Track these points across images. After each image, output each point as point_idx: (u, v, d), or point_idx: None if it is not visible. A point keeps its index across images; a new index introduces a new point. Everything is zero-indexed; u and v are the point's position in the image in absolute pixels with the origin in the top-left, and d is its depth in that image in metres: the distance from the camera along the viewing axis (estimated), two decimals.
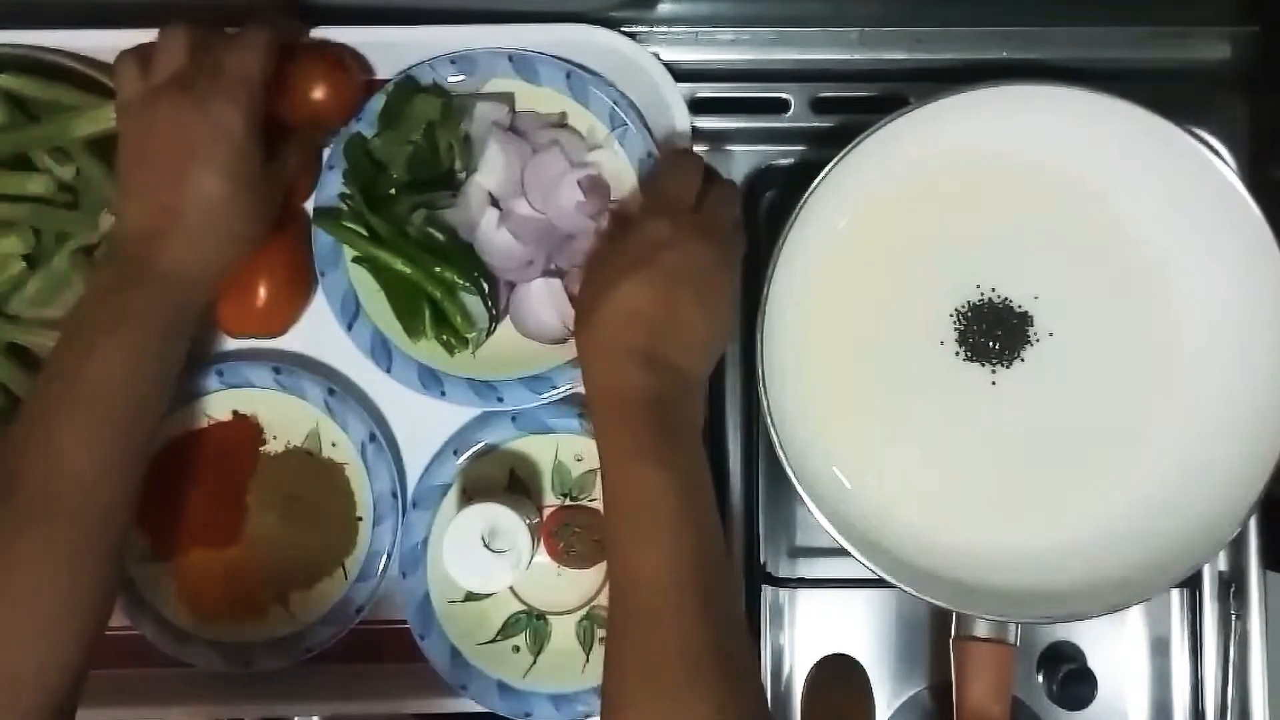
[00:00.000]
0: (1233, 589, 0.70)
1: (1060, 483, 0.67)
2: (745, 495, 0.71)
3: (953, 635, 0.65)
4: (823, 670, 0.72)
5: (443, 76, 0.67)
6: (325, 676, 0.69)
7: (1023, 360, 0.67)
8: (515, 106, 0.68)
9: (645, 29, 0.70)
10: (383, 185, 0.66)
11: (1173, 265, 0.66)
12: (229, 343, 0.70)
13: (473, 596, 0.68)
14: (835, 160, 0.61)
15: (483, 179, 0.67)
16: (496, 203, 0.67)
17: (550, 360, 0.66)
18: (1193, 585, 0.70)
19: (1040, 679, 0.72)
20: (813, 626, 0.72)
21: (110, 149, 0.63)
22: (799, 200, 0.61)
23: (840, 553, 0.62)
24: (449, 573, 0.64)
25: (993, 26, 0.70)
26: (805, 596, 0.72)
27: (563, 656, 0.68)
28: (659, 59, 0.67)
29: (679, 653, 0.52)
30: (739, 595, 0.68)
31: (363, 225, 0.66)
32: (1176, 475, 0.65)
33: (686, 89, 0.69)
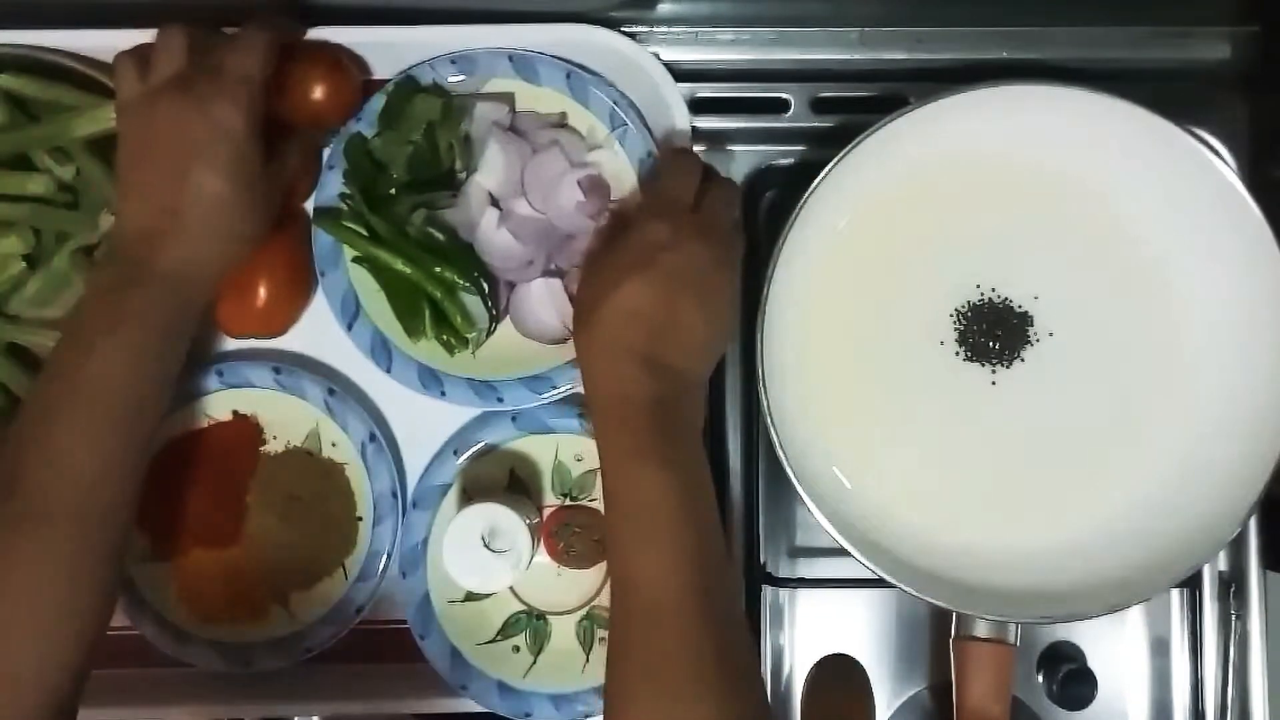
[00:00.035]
0: (1233, 589, 0.70)
1: (1060, 483, 0.67)
2: (745, 495, 0.71)
3: (953, 635, 0.65)
4: (823, 670, 0.72)
5: (443, 76, 0.67)
6: (325, 676, 0.69)
7: (1023, 360, 0.67)
8: (515, 106, 0.68)
9: (645, 29, 0.70)
10: (383, 185, 0.66)
11: (1173, 265, 0.66)
12: (229, 343, 0.70)
13: (473, 596, 0.68)
14: (835, 160, 0.61)
15: (483, 179, 0.67)
16: (496, 203, 0.67)
17: (550, 360, 0.66)
18: (1193, 585, 0.70)
19: (1040, 679, 0.72)
20: (813, 626, 0.72)
21: (110, 149, 0.62)
22: (799, 200, 0.61)
23: (840, 553, 0.62)
24: (449, 573, 0.64)
25: (993, 26, 0.70)
26: (805, 596, 0.72)
27: (563, 656, 0.68)
28: (659, 59, 0.67)
29: (680, 653, 0.53)
30: (739, 595, 0.68)
31: (363, 225, 0.66)
32: (1176, 475, 0.66)
33: (686, 89, 0.69)
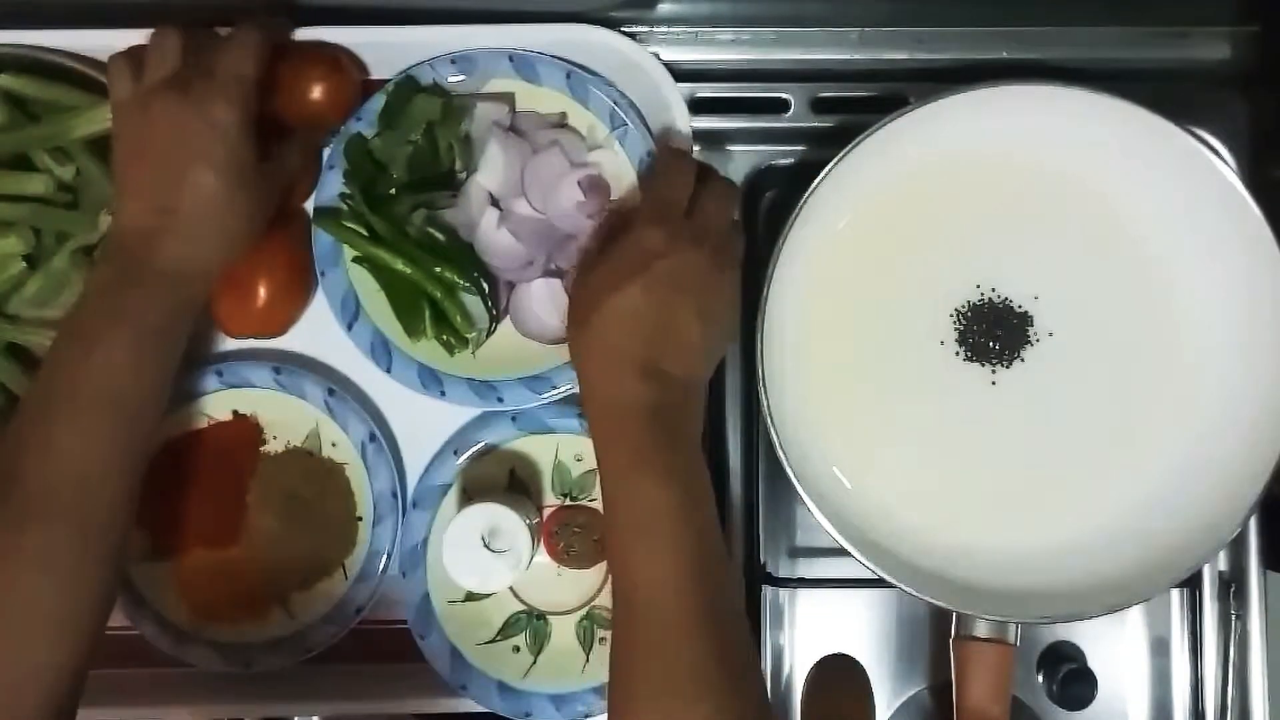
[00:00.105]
0: (1233, 589, 0.70)
1: (1060, 483, 0.67)
2: (745, 495, 0.71)
3: (953, 635, 0.64)
4: (823, 670, 0.72)
5: (443, 76, 0.67)
6: (325, 676, 0.69)
7: (1023, 360, 0.67)
8: (515, 106, 0.68)
9: (645, 29, 0.70)
10: (383, 185, 0.66)
11: (1173, 265, 0.66)
12: (229, 343, 0.70)
13: (473, 596, 0.68)
14: (835, 160, 0.61)
15: (483, 179, 0.67)
16: (496, 203, 0.67)
17: (550, 360, 0.66)
18: (1193, 585, 0.70)
19: (1040, 679, 0.72)
20: (813, 626, 0.72)
21: (110, 149, 0.62)
22: (799, 200, 0.61)
23: (840, 553, 0.62)
24: (449, 573, 0.64)
25: (993, 26, 0.70)
26: (805, 596, 0.72)
27: (563, 656, 0.68)
28: (659, 59, 0.67)
29: (681, 657, 0.53)
30: (740, 596, 0.68)
31: (363, 225, 0.66)
32: (1176, 475, 0.65)
33: (686, 89, 0.69)
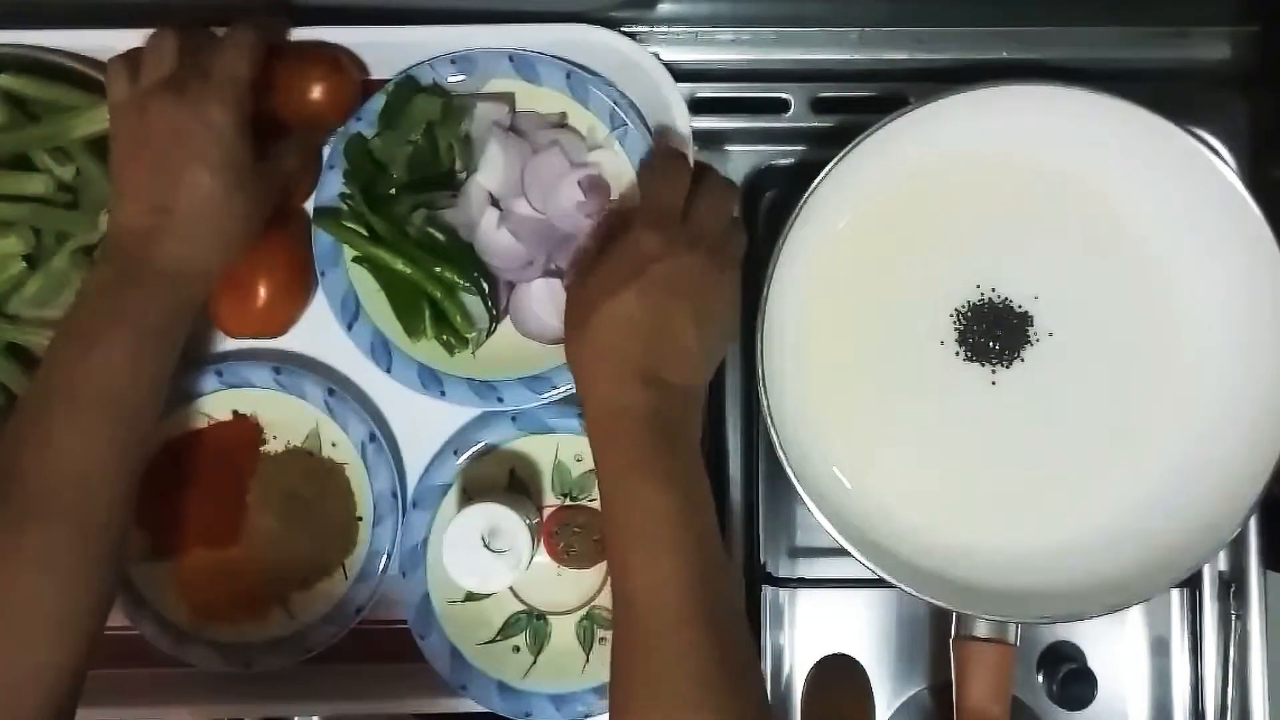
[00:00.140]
0: (1233, 589, 0.70)
1: (1060, 483, 0.67)
2: (745, 495, 0.71)
3: (953, 635, 0.64)
4: (823, 670, 0.72)
5: (443, 76, 0.67)
6: (325, 676, 0.69)
7: (1023, 360, 0.67)
8: (515, 106, 0.68)
9: (645, 29, 0.70)
10: (383, 185, 0.66)
11: (1173, 265, 0.66)
12: (229, 343, 0.70)
13: (473, 596, 0.68)
14: (835, 160, 0.61)
15: (483, 179, 0.67)
16: (496, 203, 0.67)
17: (550, 360, 0.66)
18: (1193, 585, 0.70)
19: (1040, 679, 0.72)
20: (813, 626, 0.72)
21: (109, 149, 0.62)
22: (799, 200, 0.61)
23: (840, 553, 0.62)
24: (449, 573, 0.64)
25: (993, 26, 0.70)
26: (805, 596, 0.72)
27: (563, 656, 0.68)
28: (659, 59, 0.67)
29: (681, 661, 0.53)
30: (740, 597, 0.68)
31: (363, 225, 0.66)
32: (1176, 475, 0.65)
33: (686, 89, 0.69)
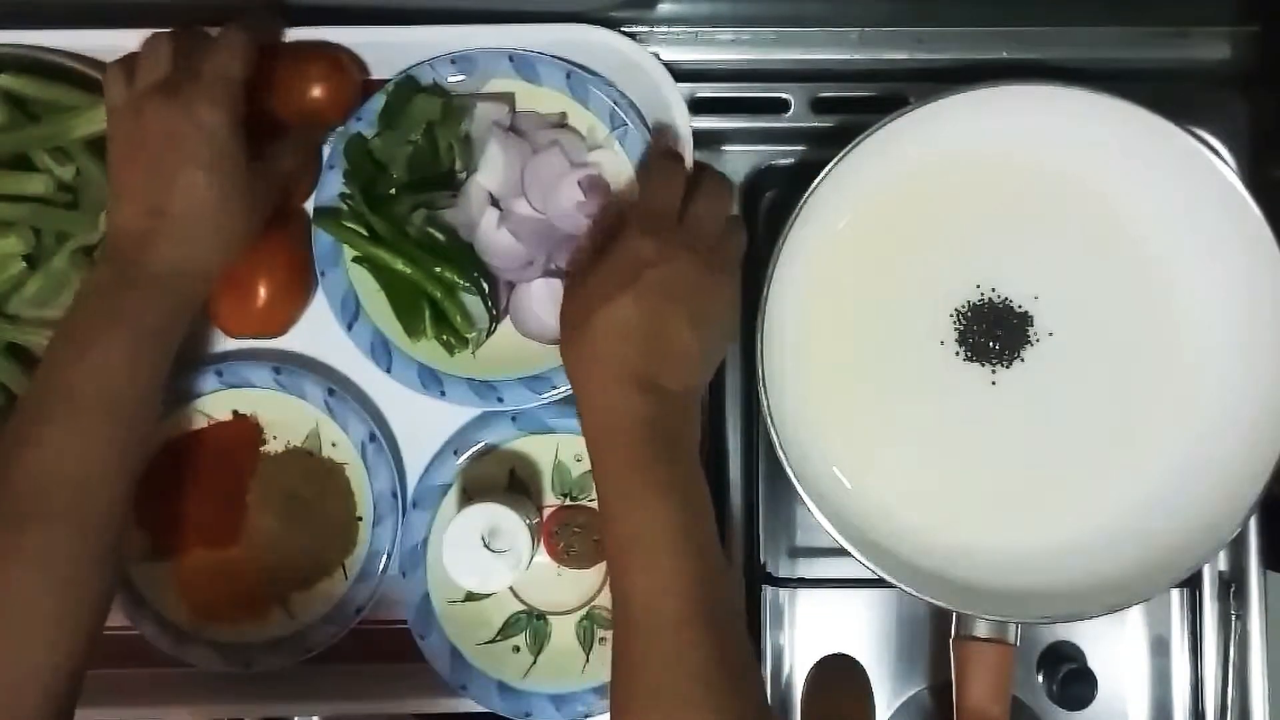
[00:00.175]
0: (1233, 589, 0.70)
1: (1060, 483, 0.67)
2: (745, 495, 0.71)
3: (953, 635, 0.64)
4: (823, 670, 0.72)
5: (443, 76, 0.67)
6: (325, 676, 0.69)
7: (1023, 360, 0.67)
8: (515, 106, 0.68)
9: (645, 29, 0.70)
10: (383, 185, 0.66)
11: (1173, 265, 0.66)
12: (229, 343, 0.70)
13: (473, 596, 0.68)
14: (835, 160, 0.61)
15: (483, 179, 0.67)
16: (496, 203, 0.67)
17: (550, 360, 0.66)
18: (1193, 585, 0.70)
19: (1040, 679, 0.72)
20: (813, 626, 0.72)
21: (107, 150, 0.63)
22: (799, 200, 0.61)
23: (840, 553, 0.62)
24: (449, 573, 0.64)
25: (993, 26, 0.70)
26: (805, 596, 0.72)
27: (563, 656, 0.68)
28: (659, 59, 0.67)
29: (680, 663, 0.53)
30: (740, 599, 0.68)
31: (363, 225, 0.66)
32: (1176, 475, 0.65)
33: (686, 89, 0.69)
